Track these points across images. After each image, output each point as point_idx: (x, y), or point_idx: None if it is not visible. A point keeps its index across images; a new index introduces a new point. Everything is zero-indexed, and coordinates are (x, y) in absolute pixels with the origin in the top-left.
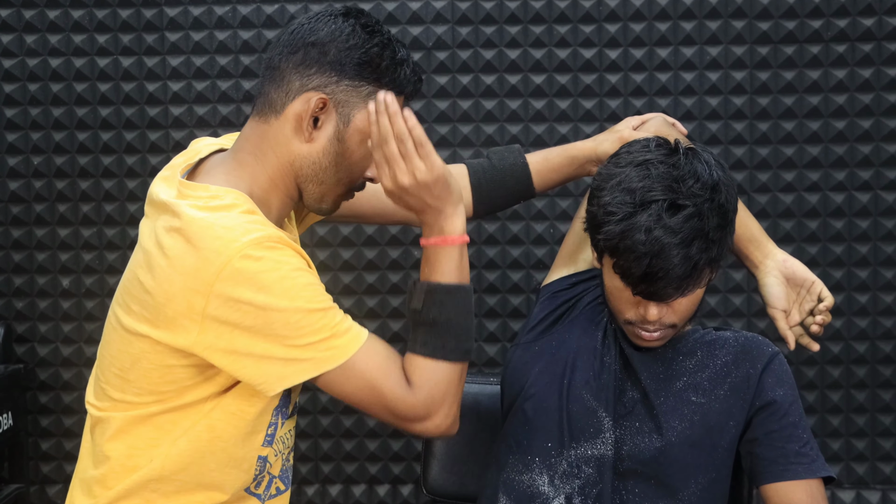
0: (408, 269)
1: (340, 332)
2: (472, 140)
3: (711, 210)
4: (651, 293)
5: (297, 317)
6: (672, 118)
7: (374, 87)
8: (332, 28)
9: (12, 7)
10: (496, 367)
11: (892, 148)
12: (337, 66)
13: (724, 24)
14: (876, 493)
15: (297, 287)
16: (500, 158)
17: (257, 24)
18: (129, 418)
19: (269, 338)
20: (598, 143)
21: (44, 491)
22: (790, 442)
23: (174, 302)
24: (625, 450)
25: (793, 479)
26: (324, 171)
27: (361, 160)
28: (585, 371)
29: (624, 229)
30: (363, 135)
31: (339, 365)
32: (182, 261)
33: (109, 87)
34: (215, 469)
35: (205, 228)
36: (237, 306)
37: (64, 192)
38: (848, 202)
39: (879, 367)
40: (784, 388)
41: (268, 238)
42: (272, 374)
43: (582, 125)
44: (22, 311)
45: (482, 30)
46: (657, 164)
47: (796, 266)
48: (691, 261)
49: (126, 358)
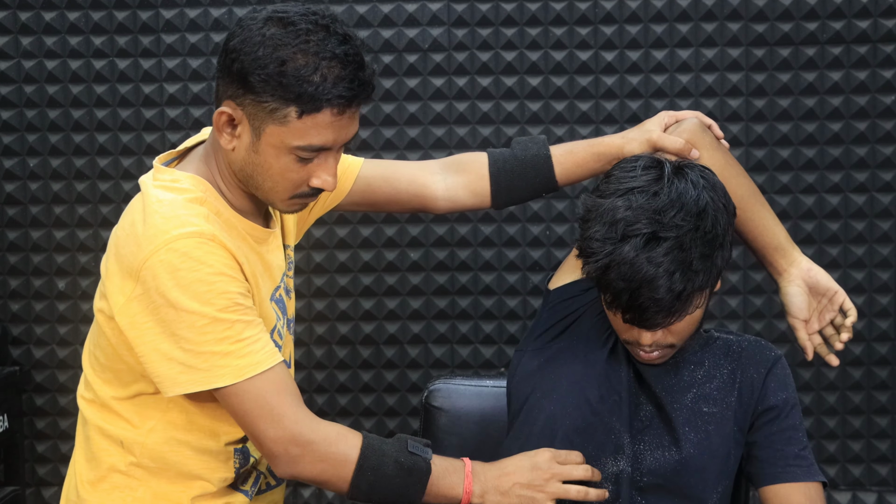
0: (404, 272)
1: (242, 351)
2: (468, 142)
3: (695, 239)
4: (640, 322)
5: (203, 322)
6: (709, 119)
7: (278, 104)
8: (245, 37)
9: (8, 9)
10: (492, 368)
11: (887, 150)
12: (242, 78)
13: (719, 26)
14: (872, 495)
15: (211, 292)
16: (523, 149)
17: None
18: (101, 401)
19: (173, 337)
20: (626, 142)
21: (39, 493)
22: (790, 445)
23: (114, 275)
24: (645, 465)
25: (792, 482)
26: (252, 178)
27: (286, 172)
28: (598, 386)
29: (607, 263)
30: (277, 149)
31: (231, 384)
32: (126, 238)
33: (105, 90)
34: (192, 457)
35: (149, 214)
36: (155, 296)
37: (60, 194)
38: (844, 204)
39: (875, 368)
40: (787, 391)
41: (199, 234)
42: (169, 376)
43: (578, 127)
44: (18, 314)
45: (478, 32)
46: (639, 194)
47: (820, 275)
48: (674, 292)
49: (94, 335)
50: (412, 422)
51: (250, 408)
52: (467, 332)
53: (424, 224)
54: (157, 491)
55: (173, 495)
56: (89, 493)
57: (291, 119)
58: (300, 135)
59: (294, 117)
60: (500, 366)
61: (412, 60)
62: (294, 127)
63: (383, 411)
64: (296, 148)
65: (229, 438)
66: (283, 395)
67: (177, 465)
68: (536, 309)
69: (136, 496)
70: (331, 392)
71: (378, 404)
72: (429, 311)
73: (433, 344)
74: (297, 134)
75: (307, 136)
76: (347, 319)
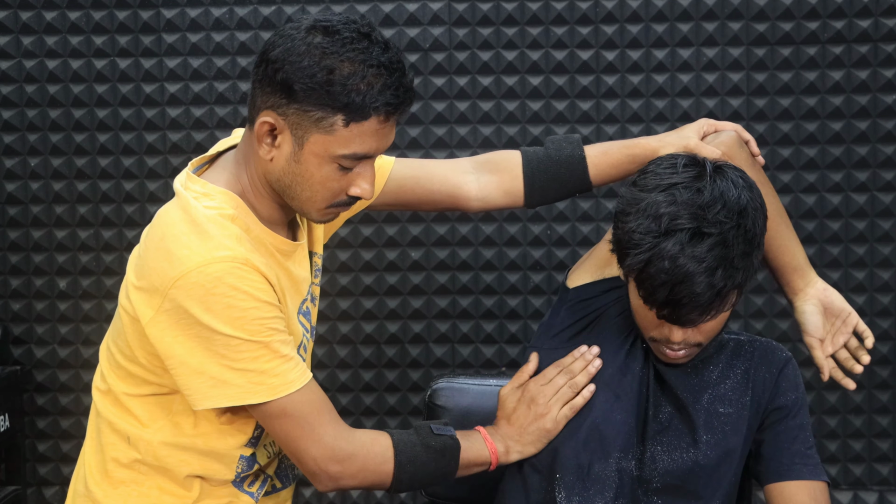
0: (405, 271)
1: (276, 370)
2: (468, 142)
3: (737, 237)
4: (675, 318)
5: (236, 342)
6: (748, 134)
7: (324, 113)
8: (288, 46)
9: (9, 9)
10: (493, 367)
11: (888, 149)
12: (286, 88)
13: (720, 25)
14: (873, 494)
15: (243, 319)
16: (558, 149)
17: (254, 26)
18: (114, 395)
19: (207, 352)
20: (662, 146)
21: (41, 493)
22: (796, 443)
23: (142, 283)
24: (660, 466)
25: (797, 480)
26: (290, 188)
27: (327, 181)
28: (617, 386)
29: (649, 257)
30: (320, 158)
31: (264, 402)
32: (157, 251)
33: (106, 89)
34: (195, 460)
35: (183, 231)
36: (184, 316)
37: (61, 193)
38: (845, 203)
39: (876, 368)
40: (797, 392)
41: (233, 258)
42: (200, 390)
43: (579, 126)
44: (19, 313)
45: (479, 31)
46: (683, 190)
47: (834, 296)
48: (715, 288)
49: (115, 330)
50: (414, 421)
51: (290, 428)
52: (468, 332)
53: (425, 223)
54: (162, 486)
55: (178, 492)
56: (96, 486)
57: (338, 127)
58: (345, 143)
59: (341, 125)
60: (501, 365)
61: (413, 60)
62: (340, 135)
63: (384, 411)
64: (339, 156)
65: (237, 444)
66: (321, 412)
67: (178, 467)
68: (537, 308)
69: (141, 491)
70: (332, 391)
71: (379, 404)
72: (430, 310)
73: (434, 343)
74: (343, 142)
75: (352, 144)
76: (348, 319)
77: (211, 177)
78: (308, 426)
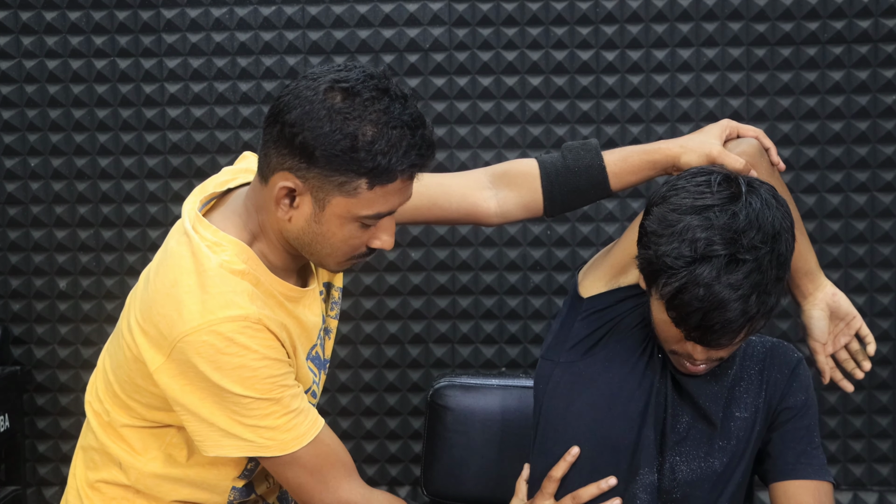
0: (405, 271)
1: (287, 425)
2: (468, 142)
3: (771, 262)
4: (705, 342)
5: (247, 401)
6: (769, 141)
7: (347, 178)
8: (307, 109)
9: (9, 9)
10: (493, 368)
11: (888, 150)
12: (306, 152)
13: (720, 25)
14: (873, 495)
15: (254, 378)
16: (576, 158)
17: (254, 27)
18: (109, 419)
19: (217, 406)
20: (683, 152)
21: (40, 493)
22: (802, 443)
23: (146, 329)
24: (680, 476)
25: (802, 479)
26: (310, 246)
27: (349, 238)
28: (636, 399)
29: (683, 284)
30: (342, 219)
31: (276, 456)
32: (166, 298)
33: (106, 89)
34: (186, 490)
35: (194, 284)
36: (194, 371)
37: (61, 193)
38: (845, 204)
39: (876, 368)
40: (807, 393)
41: (244, 318)
42: (210, 439)
43: (579, 127)
44: (19, 313)
45: (479, 32)
46: (718, 213)
47: (842, 300)
48: (748, 314)
49: (116, 360)
50: (413, 421)
51: (302, 479)
52: (468, 332)
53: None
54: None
55: None
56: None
57: (362, 190)
58: (369, 204)
59: (365, 188)
60: (501, 365)
61: (413, 60)
62: (363, 197)
63: (384, 411)
64: (363, 217)
65: (230, 476)
66: (334, 465)
67: (168, 494)
68: (537, 308)
69: None
70: (332, 392)
71: (379, 404)
72: (430, 310)
73: (434, 343)
74: (366, 204)
75: (375, 205)
76: (349, 319)
77: (219, 220)
78: (321, 477)
